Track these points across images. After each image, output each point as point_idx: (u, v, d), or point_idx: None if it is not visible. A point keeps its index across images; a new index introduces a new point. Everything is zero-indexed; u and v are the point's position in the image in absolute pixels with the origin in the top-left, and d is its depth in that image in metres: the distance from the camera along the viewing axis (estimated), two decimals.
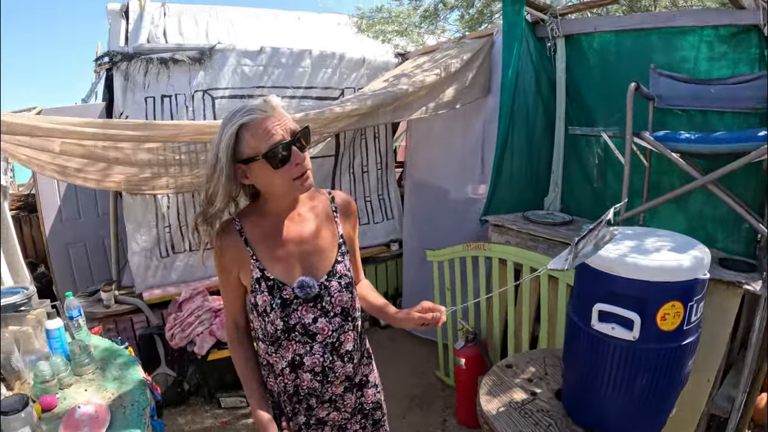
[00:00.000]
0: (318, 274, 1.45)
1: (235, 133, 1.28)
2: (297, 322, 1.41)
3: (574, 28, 3.24)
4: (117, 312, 3.74)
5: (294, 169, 1.31)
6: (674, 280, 1.45)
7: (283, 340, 1.43)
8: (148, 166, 3.15)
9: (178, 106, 3.77)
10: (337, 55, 4.32)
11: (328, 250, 1.48)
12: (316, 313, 1.43)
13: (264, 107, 1.29)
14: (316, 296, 1.42)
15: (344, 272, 1.49)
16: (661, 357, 1.49)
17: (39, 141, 2.68)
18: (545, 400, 1.85)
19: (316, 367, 1.45)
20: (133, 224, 3.80)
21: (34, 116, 2.68)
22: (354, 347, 1.52)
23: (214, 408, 3.48)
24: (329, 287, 1.44)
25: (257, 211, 1.45)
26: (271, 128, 1.27)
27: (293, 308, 1.41)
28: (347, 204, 1.59)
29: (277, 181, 1.33)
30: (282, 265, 1.42)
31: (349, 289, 1.49)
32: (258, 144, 1.27)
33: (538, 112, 3.42)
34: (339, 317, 1.46)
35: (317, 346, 1.44)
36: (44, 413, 1.78)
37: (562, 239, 2.75)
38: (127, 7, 4.09)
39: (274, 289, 1.40)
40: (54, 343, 2.12)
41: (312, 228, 1.48)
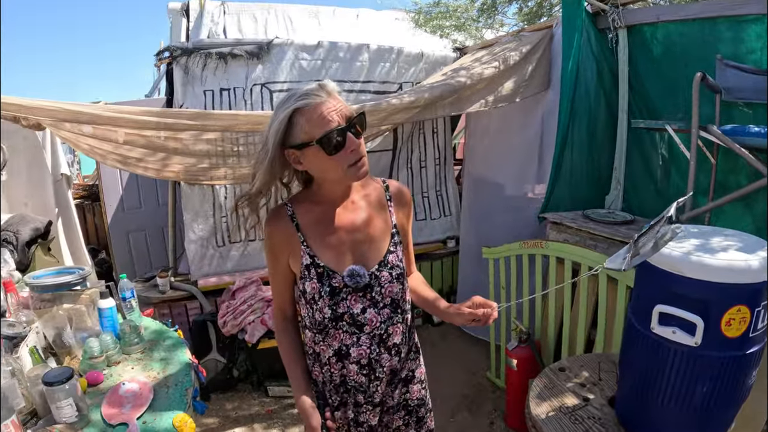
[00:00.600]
0: (369, 263, 1.42)
1: (288, 118, 1.26)
2: (345, 311, 1.39)
3: (637, 18, 3.09)
4: (172, 297, 3.87)
5: (349, 155, 1.28)
6: (742, 282, 1.34)
7: (330, 329, 1.41)
8: (206, 156, 3.22)
9: (236, 99, 3.84)
10: (395, 49, 4.30)
11: (380, 240, 1.45)
12: (365, 303, 1.40)
13: (319, 92, 1.26)
14: (366, 286, 1.40)
15: (396, 263, 1.45)
16: (723, 366, 1.38)
17: (103, 131, 2.79)
18: (597, 407, 1.77)
19: (363, 359, 1.42)
20: (191, 214, 3.90)
21: (96, 105, 2.79)
22: (402, 340, 1.49)
23: (261, 396, 3.54)
24: (380, 277, 1.41)
25: (310, 197, 1.44)
26: (326, 113, 1.24)
27: (342, 297, 1.39)
28: (401, 193, 1.55)
29: (331, 168, 1.30)
30: (333, 252, 1.40)
31: (400, 281, 1.45)
32: (312, 129, 1.25)
33: (599, 106, 3.30)
34: (388, 308, 1.43)
35: (364, 338, 1.41)
36: (90, 388, 1.84)
37: (623, 238, 2.63)
38: (187, 6, 4.22)
39: (323, 276, 1.38)
40: (105, 321, 2.20)
41: (365, 216, 1.45)
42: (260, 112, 3.56)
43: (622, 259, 1.31)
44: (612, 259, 1.33)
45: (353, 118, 1.29)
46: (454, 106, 3.41)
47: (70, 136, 2.86)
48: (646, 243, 1.30)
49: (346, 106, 1.30)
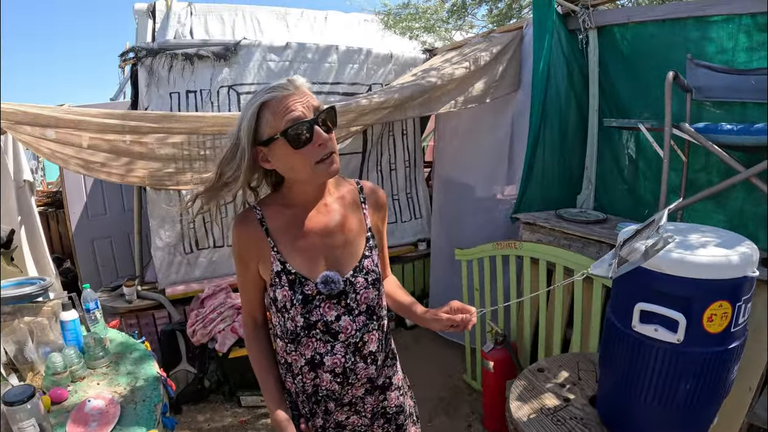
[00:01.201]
0: (343, 269, 1.35)
1: (257, 113, 1.22)
2: (318, 319, 1.32)
3: (607, 19, 3.12)
4: (139, 307, 3.74)
5: (317, 150, 1.22)
6: (722, 277, 1.34)
7: (303, 338, 1.34)
8: (172, 160, 3.13)
9: (202, 102, 3.74)
10: (364, 50, 4.26)
11: (354, 244, 1.39)
12: (340, 310, 1.34)
13: (286, 85, 1.22)
14: (341, 292, 1.33)
15: (372, 268, 1.39)
16: (706, 362, 1.37)
17: (66, 135, 2.68)
18: (579, 407, 1.75)
19: (337, 368, 1.35)
20: (157, 220, 3.78)
21: (57, 108, 2.68)
22: (378, 348, 1.42)
23: (234, 406, 3.44)
24: (355, 283, 1.35)
25: (280, 200, 1.37)
26: (291, 105, 1.20)
27: (315, 304, 1.32)
28: (376, 195, 1.49)
29: (298, 164, 1.24)
30: (305, 258, 1.33)
31: (376, 286, 1.40)
32: (278, 122, 1.20)
33: (570, 107, 3.31)
34: (364, 315, 1.37)
35: (339, 346, 1.34)
36: (54, 406, 1.75)
37: (598, 238, 2.64)
38: (153, 7, 4.11)
39: (295, 283, 1.31)
40: (68, 335, 2.10)
41: (338, 219, 1.38)
42: (227, 114, 3.48)
43: (608, 265, 1.27)
44: (597, 265, 1.29)
45: (321, 111, 1.24)
46: (424, 107, 3.38)
47: (30, 139, 2.74)
48: (635, 250, 1.27)
49: (314, 99, 1.26)
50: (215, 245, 4.01)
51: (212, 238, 3.99)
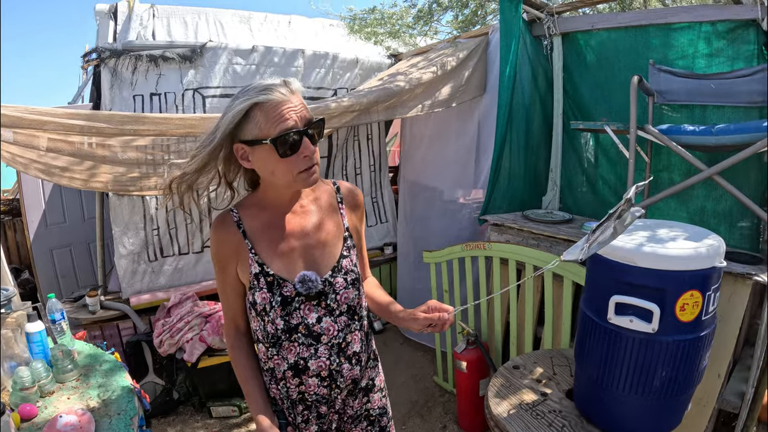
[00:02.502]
0: (322, 269, 1.34)
1: (246, 110, 1.19)
2: (299, 322, 1.31)
3: (571, 26, 3.21)
4: (103, 318, 3.61)
5: (301, 161, 1.22)
6: (693, 268, 1.40)
7: (284, 341, 1.33)
8: (136, 165, 3.06)
9: (167, 105, 3.68)
10: (330, 55, 4.27)
11: (332, 244, 1.39)
12: (320, 311, 1.33)
13: (282, 88, 1.20)
14: (320, 293, 1.32)
15: (351, 268, 1.39)
16: (680, 349, 1.43)
17: (25, 137, 2.59)
18: (556, 401, 1.79)
19: (323, 371, 1.34)
20: (120, 227, 3.69)
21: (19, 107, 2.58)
22: (362, 348, 1.42)
23: (204, 417, 3.36)
24: (334, 283, 1.34)
25: (257, 202, 1.37)
26: (286, 113, 1.18)
27: (295, 306, 1.31)
28: (353, 194, 1.49)
29: (281, 171, 1.24)
30: (283, 259, 1.33)
31: (356, 286, 1.40)
32: (269, 127, 1.18)
33: (535, 111, 3.39)
34: (345, 316, 1.36)
35: (323, 348, 1.33)
36: (23, 423, 1.68)
37: (565, 237, 2.70)
38: (115, 8, 4.01)
39: (273, 285, 1.30)
40: (35, 347, 2.00)
41: (315, 220, 1.38)
42: (194, 115, 3.43)
43: (580, 250, 1.30)
44: (569, 251, 1.32)
45: (312, 123, 1.24)
46: (391, 111, 3.39)
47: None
48: (605, 230, 1.31)
49: (306, 108, 1.25)
50: (180, 252, 3.93)
51: (177, 245, 3.91)
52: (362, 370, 1.45)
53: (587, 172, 3.29)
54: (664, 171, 2.77)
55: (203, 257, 4.01)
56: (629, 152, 2.42)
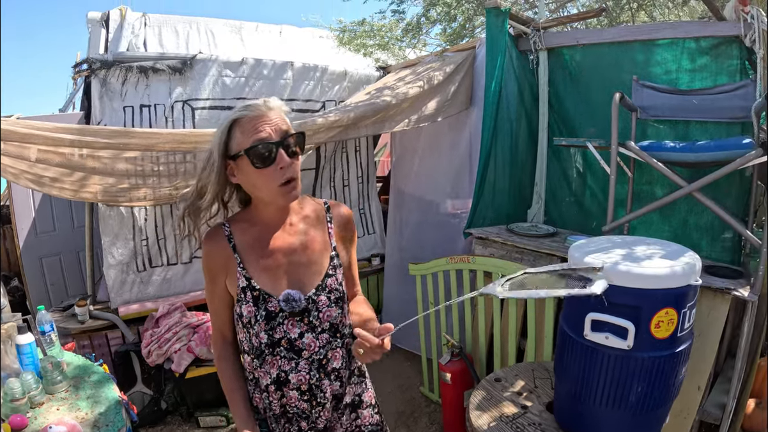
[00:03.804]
0: (306, 287, 1.37)
1: (228, 128, 1.27)
2: (282, 336, 1.34)
3: (557, 41, 3.26)
4: (92, 328, 3.62)
5: (277, 172, 1.26)
6: (668, 287, 1.43)
7: (267, 355, 1.36)
8: (126, 176, 3.08)
9: (157, 117, 3.70)
10: (319, 67, 4.30)
11: (318, 263, 1.41)
12: (303, 328, 1.35)
13: (259, 105, 1.26)
14: (303, 310, 1.35)
15: (335, 286, 1.41)
16: (655, 365, 1.46)
17: (15, 148, 2.60)
18: (537, 414, 1.81)
19: (302, 385, 1.36)
20: (110, 237, 3.69)
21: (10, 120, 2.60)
22: (342, 365, 1.43)
23: (192, 427, 3.37)
24: (317, 301, 1.37)
25: (247, 218, 1.40)
26: (258, 125, 1.24)
27: (278, 321, 1.34)
28: (343, 215, 1.51)
29: (260, 184, 1.28)
30: (269, 275, 1.36)
31: (339, 305, 1.41)
32: (244, 140, 1.24)
33: (521, 125, 3.43)
34: (327, 333, 1.39)
35: (303, 363, 1.36)
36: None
37: (548, 251, 2.73)
38: (107, 16, 4.03)
39: (259, 300, 1.33)
40: (25, 359, 2.01)
41: (303, 239, 1.41)
42: (183, 131, 3.45)
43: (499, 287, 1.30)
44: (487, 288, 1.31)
45: (288, 136, 1.27)
46: (378, 126, 3.43)
47: None
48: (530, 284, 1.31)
49: (285, 122, 1.29)
50: (169, 263, 3.94)
51: (166, 256, 3.92)
52: (343, 386, 1.45)
53: (572, 185, 3.34)
54: (647, 185, 2.82)
55: (192, 268, 4.02)
56: (611, 168, 2.46)
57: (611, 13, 4.61)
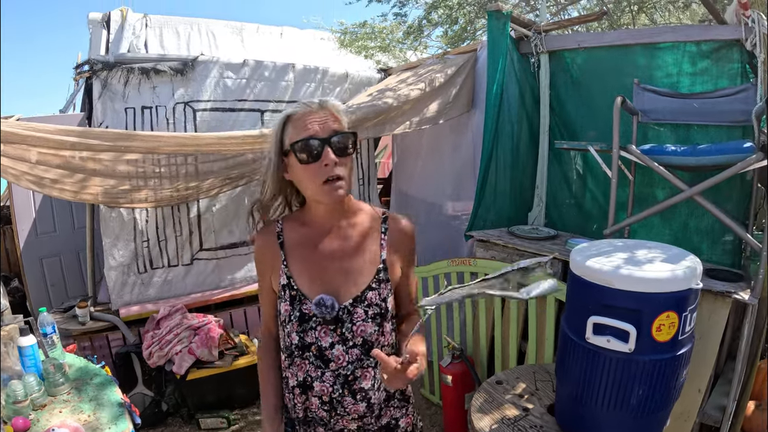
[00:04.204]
0: (342, 296, 1.32)
1: (282, 124, 1.28)
2: (313, 342, 1.31)
3: (558, 44, 3.27)
4: (92, 329, 3.62)
5: (322, 169, 1.24)
6: (669, 290, 1.43)
7: (296, 357, 1.33)
8: (126, 178, 3.09)
9: (158, 118, 3.71)
10: (320, 69, 4.31)
11: (360, 274, 1.35)
12: (335, 338, 1.31)
13: (312, 102, 1.27)
14: (336, 320, 1.30)
15: (376, 302, 1.33)
16: (656, 368, 1.46)
17: (15, 150, 2.61)
18: (538, 416, 1.82)
19: (324, 395, 1.32)
20: (111, 238, 3.70)
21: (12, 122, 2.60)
22: (374, 386, 1.35)
23: (193, 429, 3.37)
24: (353, 313, 1.31)
25: (300, 218, 1.40)
26: (308, 122, 1.24)
27: (311, 326, 1.31)
28: (401, 229, 1.44)
29: (306, 180, 1.28)
30: (308, 277, 1.34)
31: (377, 321, 1.33)
32: (294, 135, 1.25)
33: (522, 127, 3.43)
34: (358, 349, 1.32)
35: (329, 374, 1.31)
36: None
37: (549, 253, 2.73)
38: (108, 17, 4.04)
39: (295, 300, 1.32)
40: (27, 361, 2.01)
41: (349, 246, 1.36)
42: (186, 134, 3.47)
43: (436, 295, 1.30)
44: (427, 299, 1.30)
45: (338, 133, 1.26)
46: (379, 128, 3.44)
47: None
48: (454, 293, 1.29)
49: (337, 121, 1.28)
50: (170, 264, 3.95)
51: (167, 257, 3.93)
52: (372, 408, 1.38)
53: (572, 188, 3.34)
54: (648, 187, 2.83)
55: (192, 269, 4.03)
56: (612, 172, 2.47)
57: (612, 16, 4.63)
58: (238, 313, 4.15)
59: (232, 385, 3.47)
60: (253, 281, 4.27)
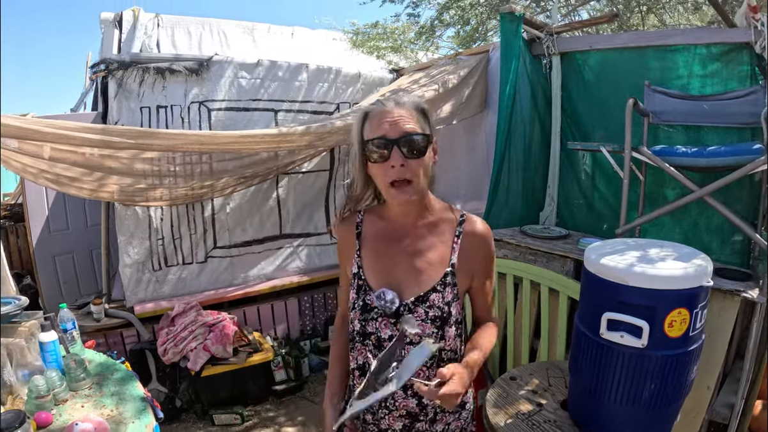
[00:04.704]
0: (405, 293, 1.35)
1: (360, 120, 1.32)
2: (374, 332, 1.36)
3: (570, 46, 3.31)
4: (107, 326, 3.67)
5: (390, 170, 1.26)
6: (681, 287, 1.47)
7: (357, 343, 1.40)
8: (143, 176, 3.14)
9: (173, 117, 3.77)
10: (333, 69, 4.36)
11: (426, 274, 1.36)
12: (394, 331, 1.33)
13: (389, 101, 1.30)
14: (397, 314, 1.33)
15: (439, 304, 1.33)
16: (668, 363, 1.50)
17: (30, 147, 2.64)
18: (551, 411, 1.85)
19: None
20: (126, 236, 3.76)
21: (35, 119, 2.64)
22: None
23: (207, 425, 3.42)
24: (413, 312, 1.33)
25: (379, 211, 1.45)
26: (382, 121, 1.27)
27: (372, 316, 1.36)
28: (476, 233, 1.41)
29: (377, 179, 1.32)
30: (376, 270, 1.39)
31: (437, 324, 1.34)
32: (368, 133, 1.29)
33: (534, 128, 3.47)
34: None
35: None
36: (40, 430, 1.71)
37: (561, 253, 2.77)
38: (120, 17, 4.09)
39: (361, 290, 1.38)
40: (48, 356, 2.03)
41: (421, 246, 1.38)
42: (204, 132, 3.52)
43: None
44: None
45: (408, 134, 1.26)
46: None
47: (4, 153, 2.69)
48: None
49: (411, 122, 1.27)
50: (184, 262, 4.00)
51: (181, 255, 3.99)
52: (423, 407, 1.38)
53: (584, 188, 3.37)
54: (659, 188, 2.85)
55: (207, 267, 4.09)
56: (624, 172, 2.51)
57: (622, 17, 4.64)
58: (252, 310, 4.20)
59: (246, 382, 3.53)
60: (266, 279, 4.34)
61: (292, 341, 4.26)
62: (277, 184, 4.31)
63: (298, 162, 3.87)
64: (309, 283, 4.50)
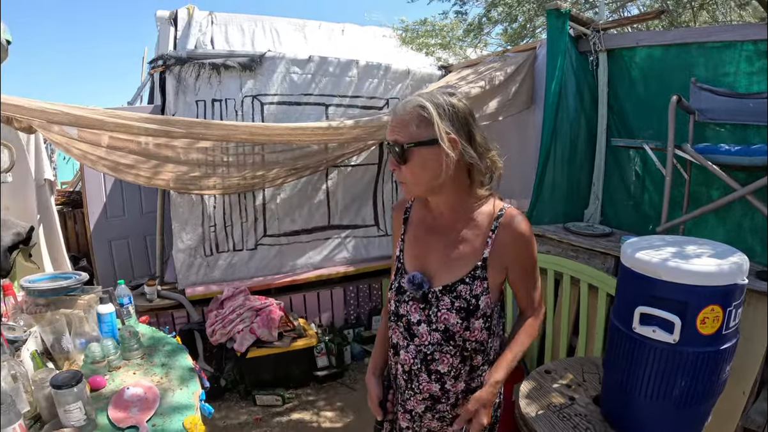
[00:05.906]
0: (435, 281, 1.41)
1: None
2: (404, 314, 1.45)
3: (616, 43, 3.27)
4: (159, 306, 3.88)
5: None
6: (714, 284, 1.47)
7: (392, 322, 1.51)
8: (197, 165, 3.29)
9: (227, 110, 3.92)
10: (382, 65, 4.44)
11: (456, 266, 1.40)
12: (422, 316, 1.41)
13: (398, 106, 1.36)
14: (425, 299, 1.40)
15: (465, 296, 1.37)
16: (699, 360, 1.50)
17: (88, 135, 2.81)
18: (583, 405, 1.88)
19: (405, 365, 1.45)
20: (180, 222, 3.94)
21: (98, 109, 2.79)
22: (449, 372, 1.42)
23: (249, 405, 3.56)
24: (440, 300, 1.39)
25: (426, 201, 1.51)
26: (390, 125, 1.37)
27: (404, 299, 1.44)
28: (513, 228, 1.40)
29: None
30: (413, 254, 1.48)
31: (462, 315, 1.37)
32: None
33: (580, 125, 3.45)
34: (440, 334, 1.39)
35: (412, 347, 1.43)
36: (92, 393, 1.82)
37: (603, 250, 2.76)
38: (176, 15, 4.27)
39: (398, 272, 1.49)
40: (105, 327, 2.20)
41: (456, 237, 1.42)
42: (256, 124, 3.64)
43: None
44: None
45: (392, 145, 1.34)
46: None
47: (60, 140, 2.87)
48: None
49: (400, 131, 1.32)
50: (235, 248, 4.17)
51: (232, 242, 4.15)
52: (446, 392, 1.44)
53: (629, 186, 3.34)
54: (704, 187, 2.81)
55: (256, 254, 4.24)
56: (666, 170, 2.49)
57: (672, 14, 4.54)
58: (298, 298, 4.33)
59: (289, 365, 3.65)
60: (313, 268, 4.48)
61: (335, 329, 4.37)
62: (326, 177, 4.43)
63: (347, 155, 3.97)
64: (355, 273, 4.61)
